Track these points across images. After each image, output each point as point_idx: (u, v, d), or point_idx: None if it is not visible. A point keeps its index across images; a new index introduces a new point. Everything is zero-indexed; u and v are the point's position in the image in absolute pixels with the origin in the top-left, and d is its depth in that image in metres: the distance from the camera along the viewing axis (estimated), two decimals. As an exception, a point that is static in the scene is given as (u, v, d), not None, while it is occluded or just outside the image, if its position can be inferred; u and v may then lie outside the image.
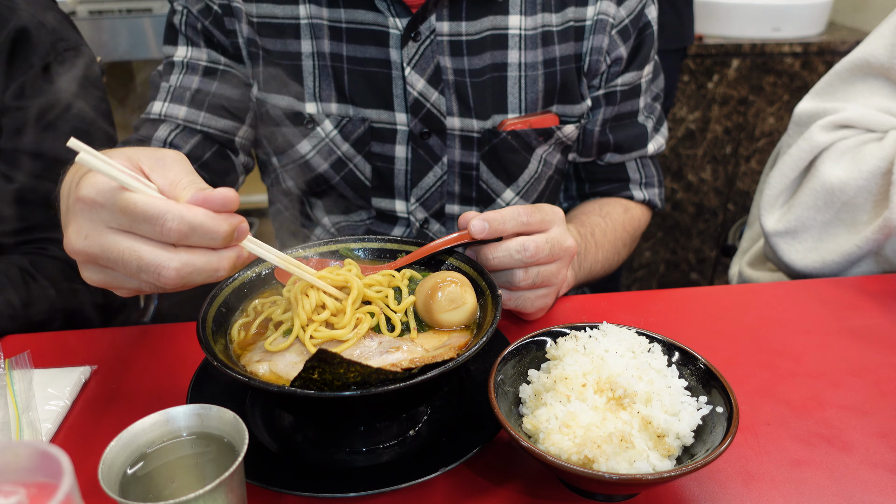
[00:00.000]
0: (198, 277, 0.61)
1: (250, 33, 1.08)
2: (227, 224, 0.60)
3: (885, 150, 1.12)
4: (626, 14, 1.11)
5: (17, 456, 0.48)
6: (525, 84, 1.10)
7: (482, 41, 1.07)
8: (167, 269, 0.59)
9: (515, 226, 0.84)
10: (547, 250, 0.85)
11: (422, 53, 1.06)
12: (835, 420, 0.77)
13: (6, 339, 0.96)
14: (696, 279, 2.99)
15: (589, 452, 0.62)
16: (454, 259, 0.85)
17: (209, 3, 1.08)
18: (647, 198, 1.26)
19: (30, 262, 1.12)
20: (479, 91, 1.09)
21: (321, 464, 0.72)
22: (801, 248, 1.22)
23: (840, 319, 0.97)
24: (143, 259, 0.59)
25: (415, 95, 1.08)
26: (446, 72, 1.08)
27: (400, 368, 0.64)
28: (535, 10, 1.08)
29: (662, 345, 0.74)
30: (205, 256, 0.61)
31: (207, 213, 0.59)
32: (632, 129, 1.21)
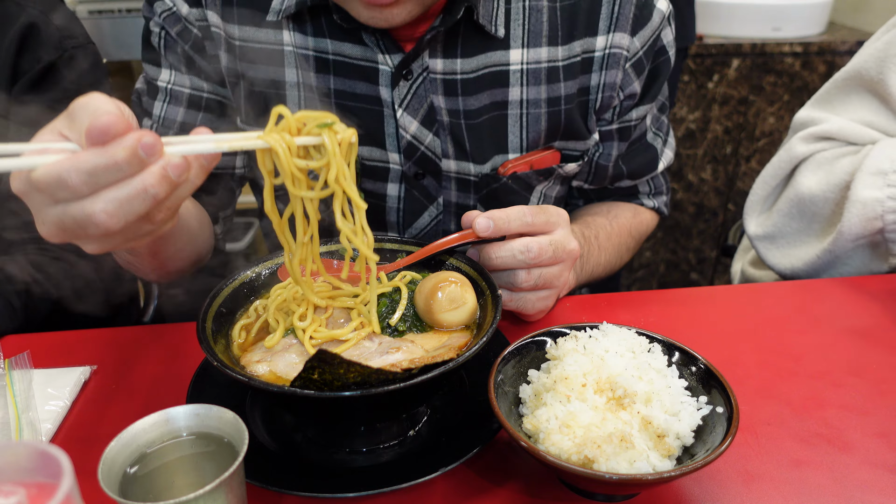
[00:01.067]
0: (136, 207, 0.58)
1: (230, 61, 1.01)
2: (121, 149, 0.56)
3: (853, 165, 1.14)
4: (640, 45, 1.02)
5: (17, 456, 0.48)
6: (527, 122, 1.03)
7: (479, 80, 0.99)
8: (96, 214, 0.57)
9: (520, 226, 0.84)
10: (550, 252, 0.85)
11: (414, 93, 0.99)
12: (835, 420, 0.77)
13: (6, 339, 0.96)
14: (696, 279, 2.99)
15: (589, 452, 0.62)
16: (454, 259, 0.85)
17: (188, 25, 1.00)
18: (656, 206, 1.25)
19: (30, 263, 1.12)
20: (475, 134, 1.02)
21: (321, 464, 0.72)
22: (778, 252, 1.27)
23: (840, 319, 0.97)
24: (76, 218, 0.58)
25: (408, 139, 1.01)
26: (440, 112, 1.00)
27: (400, 369, 0.64)
28: (540, 43, 0.99)
29: (662, 345, 0.74)
30: (126, 185, 0.58)
31: (98, 150, 0.57)
32: (643, 154, 1.16)
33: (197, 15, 1.00)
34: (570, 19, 0.99)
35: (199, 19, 1.00)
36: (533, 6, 0.98)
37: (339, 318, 0.77)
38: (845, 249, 1.15)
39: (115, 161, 0.56)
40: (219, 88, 1.05)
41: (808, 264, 1.20)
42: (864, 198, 1.09)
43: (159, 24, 1.02)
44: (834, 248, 1.15)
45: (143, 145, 0.57)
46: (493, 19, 0.97)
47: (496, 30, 0.97)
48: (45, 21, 1.15)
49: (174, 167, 0.59)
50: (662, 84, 1.10)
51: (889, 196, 1.08)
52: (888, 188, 1.08)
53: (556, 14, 0.99)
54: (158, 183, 0.58)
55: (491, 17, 0.96)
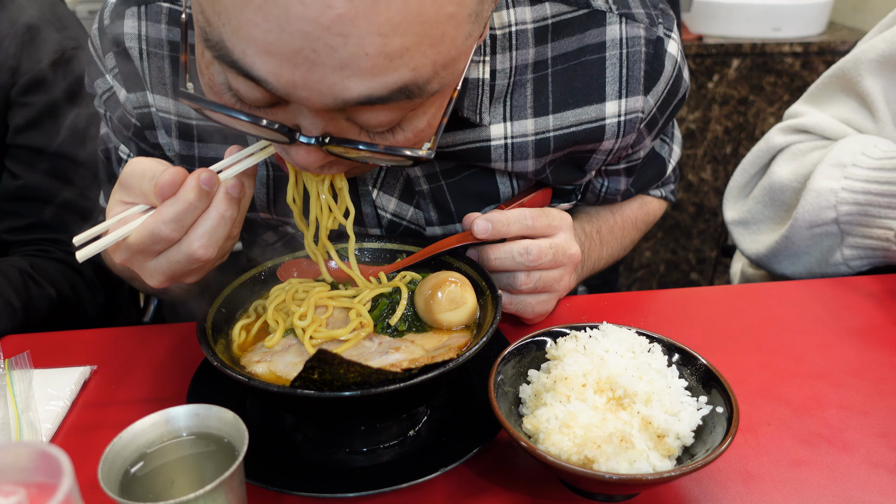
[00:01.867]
0: (221, 231, 0.67)
1: (185, 147, 0.93)
2: (190, 191, 0.65)
3: (820, 157, 1.16)
4: (654, 102, 0.91)
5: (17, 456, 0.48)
6: (514, 181, 0.95)
7: (458, 154, 0.90)
8: (195, 251, 0.67)
9: (520, 229, 0.83)
10: (550, 255, 0.84)
11: (387, 169, 0.92)
12: (835, 420, 0.77)
13: (6, 339, 0.96)
14: (696, 279, 2.99)
15: (589, 452, 0.62)
16: (454, 259, 0.85)
17: (126, 114, 0.93)
18: (664, 195, 1.22)
19: (30, 265, 1.12)
20: (458, 192, 0.93)
21: (321, 464, 0.72)
22: (749, 237, 1.31)
23: (840, 319, 0.97)
24: (180, 261, 0.67)
25: (388, 218, 0.95)
26: (418, 182, 0.92)
27: (400, 369, 0.64)
28: (524, 115, 0.88)
29: (662, 345, 0.74)
30: (206, 218, 0.67)
31: (171, 200, 0.65)
32: (651, 168, 1.10)
33: (135, 101, 0.91)
34: (564, 87, 0.88)
35: (137, 106, 0.91)
36: (516, 81, 0.88)
37: (339, 318, 0.77)
38: (801, 237, 1.18)
39: (189, 202, 0.65)
40: None
41: (769, 249, 1.25)
42: (819, 187, 1.13)
43: (101, 105, 0.96)
44: (790, 234, 1.19)
45: (203, 181, 0.65)
46: (478, 107, 0.87)
47: (480, 118, 0.87)
48: (46, 22, 1.15)
49: (233, 188, 0.67)
50: (670, 121, 1.01)
51: (843, 187, 1.11)
52: (844, 180, 1.11)
53: (547, 83, 0.88)
54: (229, 205, 0.67)
55: (476, 107, 0.86)
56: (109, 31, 0.88)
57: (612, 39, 0.87)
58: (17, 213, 1.17)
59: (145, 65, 0.88)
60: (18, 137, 1.15)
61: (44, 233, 1.18)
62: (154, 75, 0.89)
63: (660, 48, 0.88)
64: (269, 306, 0.78)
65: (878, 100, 1.18)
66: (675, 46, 0.91)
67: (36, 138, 1.15)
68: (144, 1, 0.88)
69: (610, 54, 0.87)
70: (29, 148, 1.15)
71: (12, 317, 1.03)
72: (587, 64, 0.87)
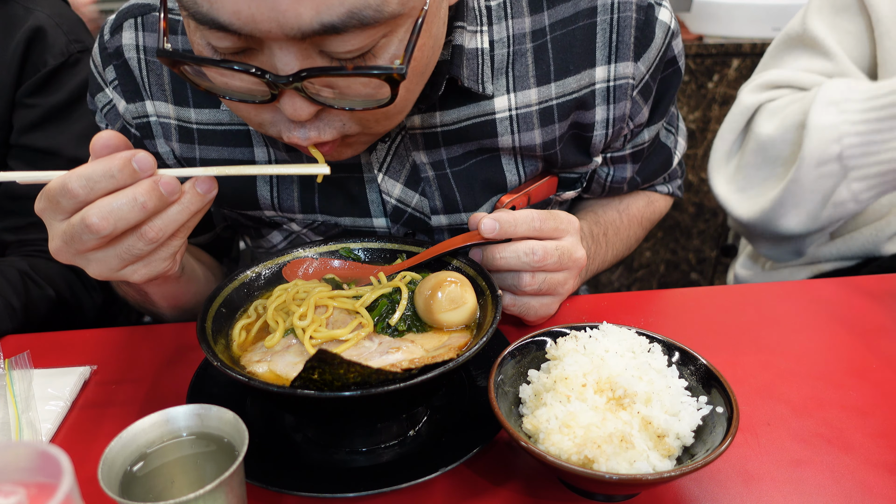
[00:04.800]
0: (126, 213, 0.64)
1: (185, 150, 0.94)
2: (117, 159, 0.63)
3: (804, 105, 1.19)
4: (646, 69, 0.92)
5: (17, 456, 0.48)
6: (521, 162, 0.95)
7: (464, 130, 0.91)
8: (89, 217, 0.63)
9: (527, 230, 0.82)
10: (556, 257, 0.83)
11: (394, 153, 0.92)
12: (835, 420, 0.77)
13: (6, 340, 0.96)
14: (696, 279, 2.99)
15: (589, 452, 0.62)
16: (454, 259, 0.85)
17: (126, 124, 0.95)
18: (671, 191, 1.22)
19: (29, 265, 1.12)
20: (464, 180, 0.95)
21: (321, 464, 0.72)
22: (747, 202, 1.32)
23: (840, 319, 0.97)
24: (75, 225, 0.64)
25: (393, 203, 0.95)
26: (424, 168, 0.93)
27: (400, 369, 0.64)
28: (527, 85, 0.90)
29: (662, 345, 0.74)
30: (119, 194, 0.64)
31: (97, 160, 0.64)
32: (657, 157, 1.11)
33: (135, 111, 0.93)
34: (563, 53, 0.89)
35: (137, 116, 0.94)
36: (516, 51, 0.89)
37: (339, 318, 0.77)
38: (809, 178, 1.18)
39: (109, 168, 0.63)
40: None
41: (771, 204, 1.25)
42: (820, 123, 1.14)
43: (102, 119, 0.97)
44: (796, 177, 1.19)
45: (137, 159, 0.64)
46: (480, 78, 0.88)
47: (483, 88, 0.88)
48: (52, 25, 1.15)
49: (165, 184, 0.65)
50: (671, 101, 1.02)
51: (843, 121, 1.13)
52: (842, 114, 1.13)
53: (547, 51, 0.89)
54: (148, 193, 0.64)
55: (477, 77, 0.87)
56: (110, 45, 0.92)
57: (602, 4, 0.88)
58: (19, 212, 1.17)
59: (144, 73, 0.91)
60: (22, 138, 1.15)
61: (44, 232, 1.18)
62: (153, 82, 0.92)
63: (650, 15, 0.90)
64: (269, 306, 0.78)
65: (830, 43, 1.24)
66: (668, 14, 0.92)
67: (40, 139, 1.15)
68: (141, 13, 0.91)
69: (601, 19, 0.89)
70: (33, 148, 1.16)
71: (12, 317, 1.03)
72: (582, 29, 0.89)
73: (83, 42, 1.20)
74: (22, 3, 1.15)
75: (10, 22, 1.13)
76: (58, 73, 1.16)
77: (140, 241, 0.67)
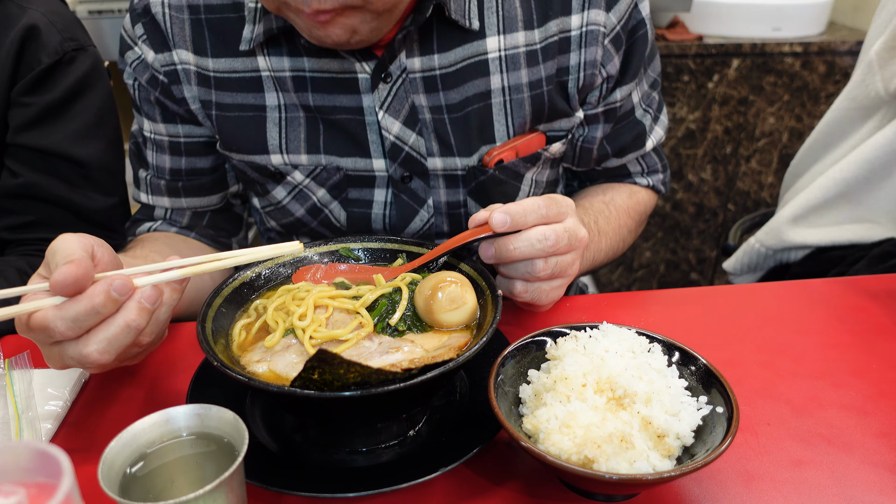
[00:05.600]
0: (123, 340, 0.66)
1: (203, 93, 1.02)
2: (97, 295, 0.63)
3: None
4: (617, 20, 1.01)
5: (17, 456, 0.48)
6: (511, 109, 1.02)
7: (459, 73, 0.99)
8: (90, 354, 0.65)
9: (536, 218, 0.83)
10: (566, 240, 0.84)
11: (395, 94, 0.99)
12: (835, 420, 0.77)
13: (6, 339, 0.96)
14: (696, 279, 2.99)
15: (589, 452, 0.62)
16: (454, 259, 0.85)
17: (154, 73, 1.03)
18: (651, 184, 1.23)
19: (28, 264, 1.12)
20: (459, 126, 1.02)
21: (321, 464, 0.72)
22: None
23: (840, 319, 0.97)
24: (74, 357, 0.66)
25: (391, 140, 1.01)
26: (422, 111, 1.00)
27: (400, 369, 0.64)
28: (515, 28, 0.99)
29: (662, 345, 0.74)
30: (110, 324, 0.65)
31: (77, 298, 0.64)
32: (629, 130, 1.15)
33: (163, 60, 1.02)
34: (544, 1, 0.99)
35: (165, 64, 1.02)
36: None
37: (339, 318, 0.77)
38: None
39: (92, 306, 0.63)
40: (195, 129, 1.08)
41: None
42: None
43: (131, 74, 1.06)
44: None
45: (115, 287, 0.64)
46: (466, 12, 0.96)
47: (470, 23, 0.96)
48: (46, 23, 1.15)
49: (148, 298, 0.66)
50: (641, 60, 1.08)
51: None
52: None
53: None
54: (138, 315, 0.65)
55: (464, 11, 0.96)
56: (138, 6, 1.02)
57: None
58: (16, 212, 1.17)
59: (169, 25, 1.01)
60: (18, 137, 1.15)
61: (42, 232, 1.18)
62: (177, 33, 1.01)
63: None
64: (269, 306, 0.78)
65: None
66: None
67: (35, 138, 1.15)
68: None
69: None
70: (29, 147, 1.15)
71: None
72: None
73: (78, 40, 1.19)
74: (16, 2, 1.15)
75: (4, 20, 1.13)
76: (52, 72, 1.15)
77: (135, 347, 0.70)
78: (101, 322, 0.65)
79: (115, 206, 1.24)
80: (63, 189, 1.17)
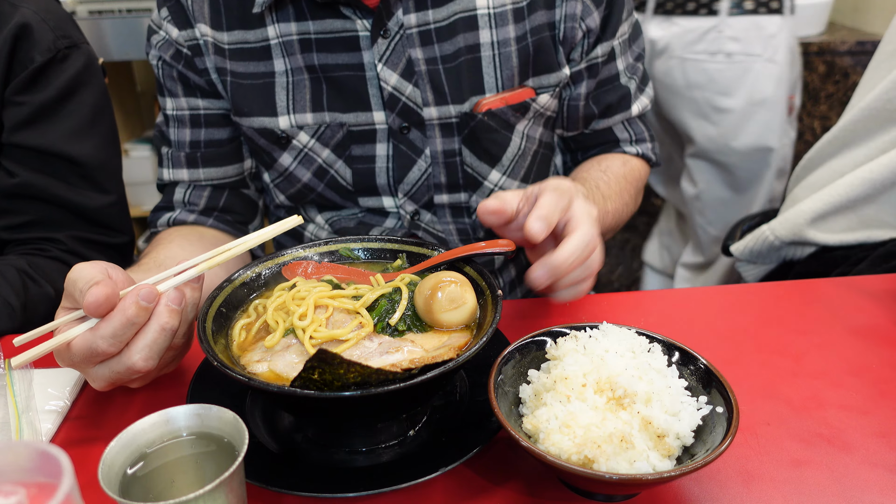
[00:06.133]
0: (162, 343, 0.70)
1: (219, 62, 1.11)
2: (129, 307, 0.67)
3: None
4: None
5: (18, 456, 0.48)
6: (500, 62, 1.09)
7: (452, 26, 1.07)
8: (136, 364, 0.69)
9: (560, 214, 0.81)
10: (596, 229, 0.82)
11: (393, 49, 1.06)
12: (835, 420, 0.77)
13: (6, 339, 0.96)
14: (696, 279, 2.98)
15: (589, 452, 0.62)
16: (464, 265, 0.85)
17: (178, 47, 1.12)
18: (640, 152, 1.26)
19: (27, 263, 1.12)
20: (452, 76, 1.08)
21: (321, 464, 0.72)
22: None
23: (840, 319, 0.97)
24: (120, 371, 0.70)
25: (389, 90, 1.08)
26: (418, 63, 1.07)
27: (400, 369, 0.64)
28: None
29: (662, 345, 0.74)
30: (147, 331, 0.70)
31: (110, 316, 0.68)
32: (614, 92, 1.20)
33: (186, 36, 1.11)
34: None
35: (188, 39, 1.11)
36: None
37: (339, 318, 0.77)
38: None
39: (127, 318, 0.68)
40: (214, 102, 1.15)
41: None
42: None
43: (157, 54, 1.14)
44: None
45: (143, 297, 0.68)
46: None
47: None
48: (39, 21, 1.14)
49: (173, 300, 0.71)
50: (619, 18, 1.14)
51: None
52: None
53: None
54: (169, 317, 0.70)
55: None
56: None
57: None
58: (14, 211, 1.17)
59: (193, 5, 1.10)
60: (14, 136, 1.14)
61: (41, 231, 1.18)
62: (196, 9, 1.10)
63: None
64: (269, 306, 0.78)
65: None
66: None
67: (30, 137, 1.15)
68: None
69: None
70: (24, 147, 1.15)
71: (11, 317, 1.03)
72: None
73: (71, 37, 1.19)
74: (8, 0, 1.14)
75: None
76: (46, 70, 1.15)
77: (171, 350, 0.74)
78: (137, 332, 0.69)
79: (112, 203, 1.23)
80: (60, 188, 1.17)
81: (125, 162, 1.39)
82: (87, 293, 0.67)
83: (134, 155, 2.73)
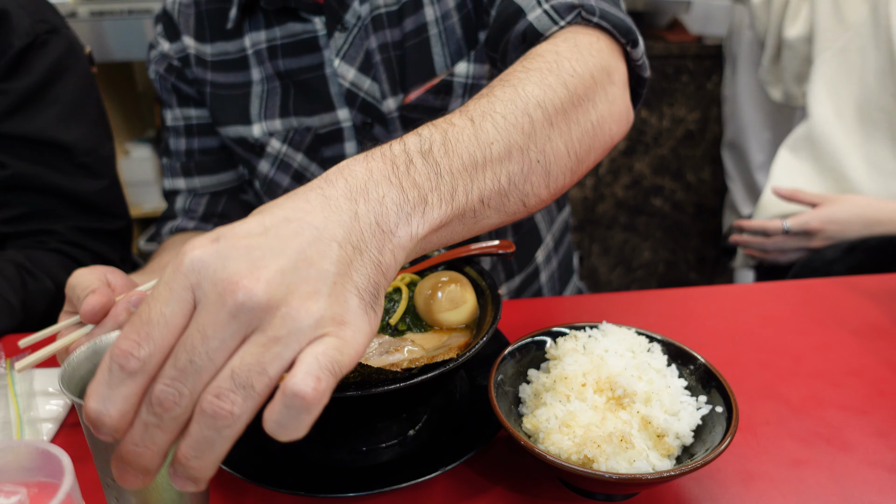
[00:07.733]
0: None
1: (200, 73, 1.15)
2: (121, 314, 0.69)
3: None
4: None
5: (18, 455, 0.48)
6: (446, 38, 1.06)
7: (401, 9, 1.05)
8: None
9: None
10: None
11: (351, 43, 1.07)
12: (835, 420, 0.77)
13: (6, 339, 0.96)
14: (696, 279, 2.99)
15: (589, 452, 0.62)
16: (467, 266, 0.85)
17: (170, 60, 1.16)
18: (552, 4, 0.81)
19: (26, 258, 1.11)
20: (404, 63, 1.06)
21: (321, 464, 0.72)
22: None
23: (840, 319, 0.97)
24: None
25: (347, 86, 1.08)
26: (374, 54, 1.06)
27: (400, 368, 0.64)
28: None
29: (662, 344, 0.74)
30: None
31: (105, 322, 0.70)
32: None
33: (177, 48, 1.16)
34: None
35: (178, 51, 1.16)
36: None
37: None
38: None
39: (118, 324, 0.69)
40: (204, 112, 1.18)
41: None
42: None
43: (155, 69, 1.19)
44: None
45: (133, 303, 0.70)
46: None
47: None
48: (16, 6, 1.12)
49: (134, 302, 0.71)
50: None
51: None
52: None
53: None
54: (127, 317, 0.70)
55: None
56: (159, 10, 1.18)
57: None
58: (9, 203, 1.16)
59: (178, 17, 1.15)
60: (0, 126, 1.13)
61: (38, 222, 1.17)
62: (183, 23, 1.15)
63: None
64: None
65: None
66: None
67: (16, 126, 1.12)
68: None
69: None
70: (12, 136, 1.13)
71: (11, 315, 1.03)
72: None
73: (50, 22, 1.16)
74: None
75: None
76: (25, 56, 1.12)
77: None
78: None
79: (106, 187, 1.23)
80: (52, 176, 1.16)
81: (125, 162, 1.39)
82: (84, 302, 0.69)
83: (134, 155, 2.73)
